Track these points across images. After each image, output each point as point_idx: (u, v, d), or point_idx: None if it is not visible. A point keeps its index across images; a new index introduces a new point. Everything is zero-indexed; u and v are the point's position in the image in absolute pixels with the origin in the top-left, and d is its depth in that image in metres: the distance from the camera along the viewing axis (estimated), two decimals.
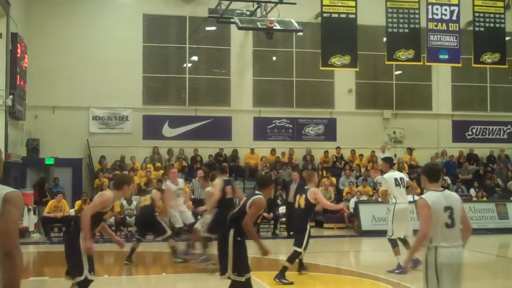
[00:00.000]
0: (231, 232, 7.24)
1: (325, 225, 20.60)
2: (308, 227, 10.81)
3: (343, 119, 25.04)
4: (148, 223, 12.78)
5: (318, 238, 17.20)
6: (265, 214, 18.80)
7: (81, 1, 22.53)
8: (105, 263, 13.37)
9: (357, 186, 21.80)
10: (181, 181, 14.14)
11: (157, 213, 13.01)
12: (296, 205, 11.16)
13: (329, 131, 24.98)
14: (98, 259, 10.82)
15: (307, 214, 11.08)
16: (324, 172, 23.08)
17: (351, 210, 20.20)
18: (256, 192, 7.64)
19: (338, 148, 24.44)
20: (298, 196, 11.33)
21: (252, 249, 7.63)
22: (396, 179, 11.53)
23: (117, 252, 13.93)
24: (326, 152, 24.23)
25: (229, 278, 7.18)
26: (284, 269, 10.37)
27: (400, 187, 11.53)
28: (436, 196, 5.85)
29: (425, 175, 6.14)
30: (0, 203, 3.36)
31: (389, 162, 12.29)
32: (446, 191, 6.13)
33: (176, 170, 15.61)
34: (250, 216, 7.26)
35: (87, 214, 6.93)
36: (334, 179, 22.48)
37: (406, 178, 11.87)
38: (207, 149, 23.23)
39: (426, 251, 5.76)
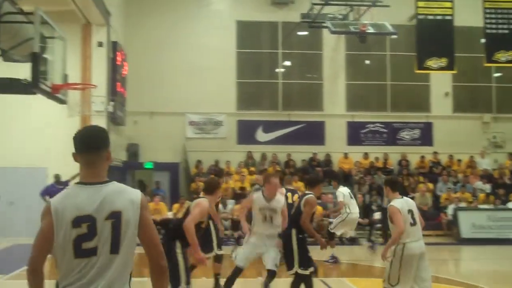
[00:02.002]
0: (293, 231, 8.01)
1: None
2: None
3: (439, 123, 24.39)
4: None
5: None
6: (360, 220, 18.59)
7: (177, 10, 23.16)
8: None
9: (455, 192, 21.15)
10: (280, 199, 8.81)
11: None
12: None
13: (425, 136, 24.39)
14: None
15: None
16: (421, 177, 22.55)
17: (450, 217, 19.64)
18: (307, 192, 8.34)
19: (435, 153, 23.82)
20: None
21: (348, 255, 7.66)
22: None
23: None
24: (422, 157, 23.67)
25: (295, 272, 7.93)
26: None
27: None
28: (401, 202, 7.50)
29: (389, 186, 7.70)
30: (138, 211, 3.25)
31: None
32: (405, 197, 7.74)
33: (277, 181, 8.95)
34: (306, 214, 7.95)
35: (191, 226, 6.82)
36: (431, 185, 21.93)
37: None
38: (300, 153, 23.25)
39: (395, 247, 7.34)
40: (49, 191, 17.49)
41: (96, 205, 3.16)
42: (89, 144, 3.26)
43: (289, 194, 12.29)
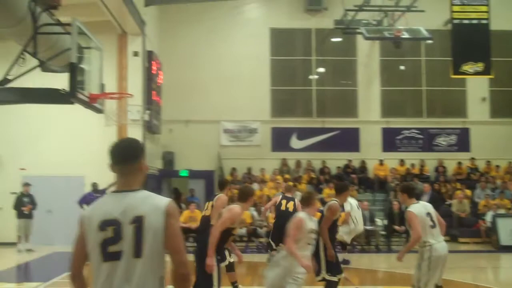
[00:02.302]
0: (320, 238, 7.97)
1: (460, 240, 19.81)
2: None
3: (477, 128, 24.02)
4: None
5: (453, 253, 16.55)
6: (397, 227, 18.45)
7: (211, 19, 23.30)
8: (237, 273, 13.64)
9: (493, 199, 20.78)
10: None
11: None
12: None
13: (462, 141, 24.05)
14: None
15: None
16: (458, 184, 22.23)
17: (488, 224, 19.31)
18: (333, 198, 8.39)
19: (472, 159, 23.47)
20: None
21: (385, 263, 7.61)
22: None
23: (248, 262, 14.25)
24: (459, 163, 23.34)
25: (323, 279, 7.96)
26: None
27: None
28: (418, 207, 7.55)
29: (406, 193, 7.76)
30: (162, 218, 3.32)
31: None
32: (421, 201, 7.89)
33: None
34: (326, 220, 8.02)
35: (217, 231, 6.89)
36: (468, 192, 21.61)
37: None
38: (335, 160, 23.14)
39: (420, 249, 7.46)
40: (87, 199, 17.76)
41: (121, 210, 3.29)
42: (122, 156, 3.43)
43: (283, 201, 12.41)
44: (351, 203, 13.87)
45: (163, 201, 3.38)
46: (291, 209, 12.13)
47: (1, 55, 17.05)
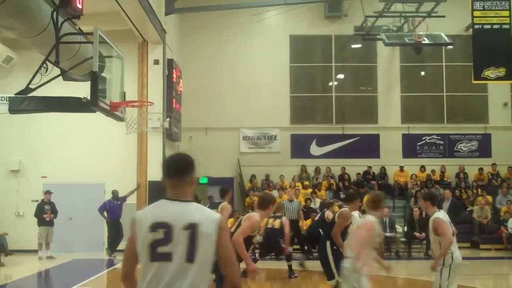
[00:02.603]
0: (328, 243, 8.51)
1: (481, 246, 19.63)
2: None
3: (498, 134, 23.81)
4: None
5: (474, 259, 16.43)
6: (417, 234, 18.33)
7: (231, 27, 23.38)
8: (255, 280, 13.64)
9: None
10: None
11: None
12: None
13: (484, 147, 23.84)
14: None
15: None
16: (479, 190, 22.05)
17: (510, 230, 19.12)
18: (344, 206, 8.88)
19: (493, 164, 23.24)
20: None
21: (405, 270, 7.56)
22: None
23: (266, 269, 14.24)
24: (480, 169, 23.13)
25: (337, 282, 8.31)
26: None
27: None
28: (443, 214, 7.67)
29: (429, 201, 7.75)
30: (215, 229, 3.45)
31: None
32: (442, 210, 7.96)
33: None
34: (338, 226, 8.41)
35: (239, 240, 6.91)
36: (490, 198, 21.41)
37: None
38: (355, 167, 23.06)
39: (443, 257, 7.44)
40: (107, 207, 17.90)
41: (174, 215, 3.43)
42: (174, 170, 3.59)
43: (270, 220, 13.40)
44: (353, 214, 13.76)
45: (215, 214, 3.59)
46: (277, 226, 13.60)
47: (24, 65, 17.36)
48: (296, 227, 16.91)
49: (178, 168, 3.59)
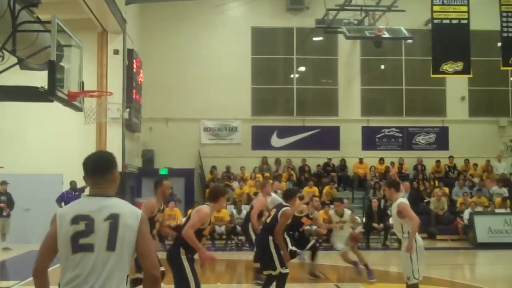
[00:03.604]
0: (270, 237, 8.50)
1: (438, 237, 20.02)
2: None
3: (455, 127, 24.28)
4: None
5: (431, 250, 16.73)
6: (376, 225, 18.59)
7: (193, 18, 23.26)
8: (217, 271, 13.67)
9: (471, 197, 21.02)
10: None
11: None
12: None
13: (441, 140, 24.27)
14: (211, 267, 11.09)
15: None
16: (437, 182, 22.46)
17: (466, 221, 19.54)
18: (284, 204, 8.80)
19: (450, 157, 23.70)
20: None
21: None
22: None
23: (227, 260, 14.25)
24: (438, 161, 23.56)
25: (279, 273, 8.39)
26: None
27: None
28: (406, 200, 8.25)
29: (393, 187, 8.24)
30: (137, 221, 3.49)
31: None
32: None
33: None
34: (281, 225, 8.48)
35: (189, 233, 6.90)
36: (447, 189, 21.83)
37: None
38: (315, 159, 23.25)
39: (405, 240, 7.91)
40: (65, 198, 17.67)
41: (95, 208, 3.45)
42: (95, 168, 3.61)
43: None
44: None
45: (137, 209, 3.61)
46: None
47: None
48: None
49: (100, 167, 3.61)
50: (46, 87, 9.32)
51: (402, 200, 8.15)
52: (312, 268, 12.30)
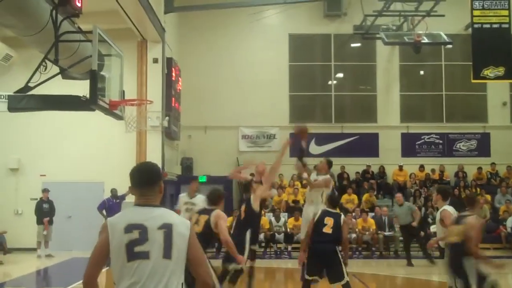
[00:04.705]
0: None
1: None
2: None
3: (497, 133, 23.81)
4: None
5: None
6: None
7: (230, 25, 23.38)
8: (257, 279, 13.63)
9: None
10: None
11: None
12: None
13: (483, 146, 23.85)
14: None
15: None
16: (478, 189, 22.05)
17: (509, 229, 19.13)
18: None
19: (492, 164, 23.25)
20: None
21: (404, 269, 7.51)
22: None
23: (266, 268, 14.20)
24: (479, 168, 23.13)
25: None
26: None
27: None
28: (452, 209, 7.94)
29: (441, 194, 8.13)
30: (188, 231, 3.59)
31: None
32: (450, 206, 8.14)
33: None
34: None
35: (229, 239, 7.51)
36: (489, 197, 21.43)
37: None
38: (354, 166, 23.06)
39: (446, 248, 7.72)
40: (106, 205, 17.90)
41: (147, 217, 3.53)
42: (143, 180, 3.70)
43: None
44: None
45: (185, 219, 3.72)
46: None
47: (23, 63, 17.35)
48: None
49: (147, 179, 3.70)
50: (88, 96, 9.46)
51: (446, 207, 8.03)
52: None
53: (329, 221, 8.62)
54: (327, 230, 8.61)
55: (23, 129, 18.82)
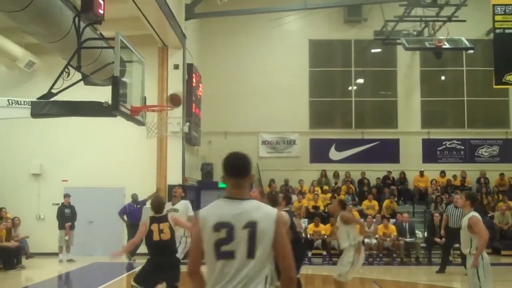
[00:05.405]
0: None
1: (502, 252, 19.42)
2: None
3: None
4: None
5: (496, 266, 16.22)
6: (438, 240, 18.16)
7: (250, 31, 23.43)
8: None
9: None
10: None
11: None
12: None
13: (505, 152, 23.60)
14: None
15: None
16: (501, 195, 21.82)
17: None
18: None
19: None
20: None
21: (425, 276, 7.46)
22: None
23: None
24: (501, 174, 22.90)
25: None
26: None
27: None
28: (479, 215, 7.94)
29: (470, 200, 8.09)
30: (273, 226, 3.64)
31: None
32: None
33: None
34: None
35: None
36: (511, 203, 21.17)
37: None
38: (375, 172, 22.97)
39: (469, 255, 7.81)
40: (127, 211, 18.00)
41: (235, 214, 3.63)
42: (238, 170, 3.78)
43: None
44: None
45: (273, 210, 3.73)
46: None
47: (46, 69, 17.56)
48: None
49: (242, 169, 3.77)
50: (109, 102, 9.53)
51: (474, 213, 7.94)
52: None
53: None
54: None
55: (45, 135, 18.98)
